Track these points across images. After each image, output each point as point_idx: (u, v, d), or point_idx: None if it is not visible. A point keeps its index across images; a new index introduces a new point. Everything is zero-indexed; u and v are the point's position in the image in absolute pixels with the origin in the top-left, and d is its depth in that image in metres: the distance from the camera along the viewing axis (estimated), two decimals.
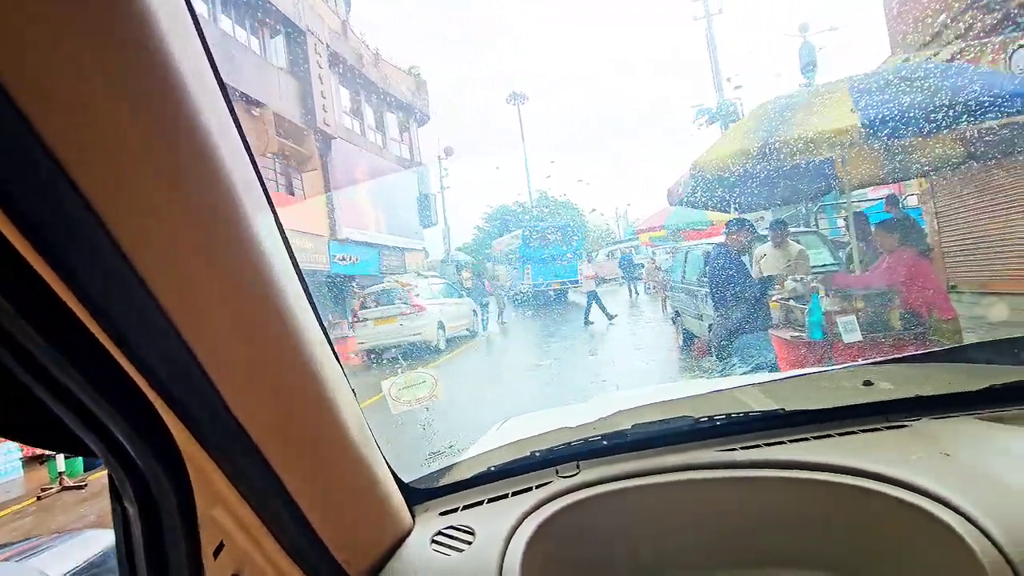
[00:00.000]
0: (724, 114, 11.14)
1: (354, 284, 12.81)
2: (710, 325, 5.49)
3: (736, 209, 5.63)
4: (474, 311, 11.24)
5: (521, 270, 13.53)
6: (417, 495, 0.86)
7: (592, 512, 0.81)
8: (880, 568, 0.70)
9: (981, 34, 6.82)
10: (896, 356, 1.68)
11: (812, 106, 4.08)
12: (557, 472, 0.88)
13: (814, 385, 1.25)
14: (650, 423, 0.93)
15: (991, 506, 0.62)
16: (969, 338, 5.40)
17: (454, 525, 0.78)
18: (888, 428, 0.87)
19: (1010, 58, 6.24)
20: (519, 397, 5.48)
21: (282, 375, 0.48)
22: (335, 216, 12.82)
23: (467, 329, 10.81)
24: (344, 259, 12.67)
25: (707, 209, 6.26)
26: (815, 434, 0.88)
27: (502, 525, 0.76)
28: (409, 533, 0.77)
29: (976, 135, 4.28)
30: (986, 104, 3.48)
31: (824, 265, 5.96)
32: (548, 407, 1.66)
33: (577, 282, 12.51)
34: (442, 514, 0.82)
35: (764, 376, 1.54)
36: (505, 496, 0.84)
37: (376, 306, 9.44)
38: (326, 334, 0.58)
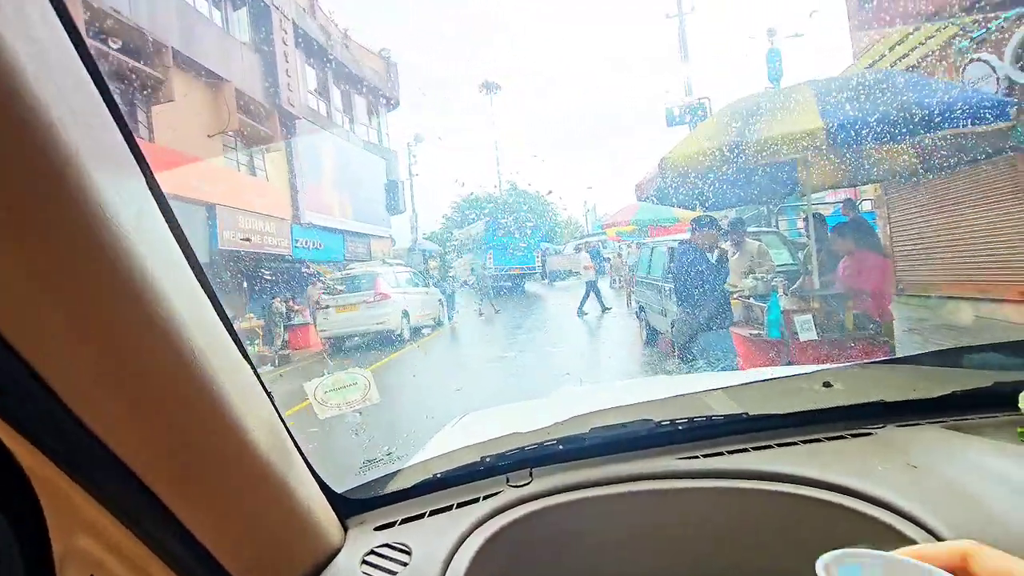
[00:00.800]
0: (693, 113, 11.30)
1: (317, 270, 12.49)
2: (673, 321, 5.56)
3: (702, 207, 5.70)
4: (440, 301, 11.13)
5: (484, 256, 14.71)
6: (351, 507, 0.78)
7: (545, 525, 0.77)
8: None
9: (936, 48, 7.09)
10: (858, 362, 1.71)
11: (776, 108, 4.14)
12: (508, 481, 0.83)
13: (777, 388, 1.24)
14: (609, 427, 0.89)
15: (958, 524, 0.61)
16: (912, 338, 5.65)
17: (389, 543, 0.71)
18: (853, 436, 0.86)
19: (962, 71, 6.51)
20: (481, 389, 5.44)
21: (150, 379, 0.41)
22: (298, 199, 12.44)
23: (433, 319, 10.69)
24: (307, 244, 12.32)
25: (673, 206, 6.32)
26: (779, 441, 0.86)
27: (443, 542, 0.70)
28: (338, 551, 0.70)
29: (927, 145, 4.43)
30: (938, 115, 3.60)
31: (783, 265, 6.10)
32: (510, 400, 1.62)
33: (534, 269, 14.80)
34: (378, 529, 0.75)
35: (726, 378, 1.52)
36: (449, 508, 0.78)
37: (339, 293, 9.22)
38: (230, 330, 0.51)
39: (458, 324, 11.22)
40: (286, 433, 0.63)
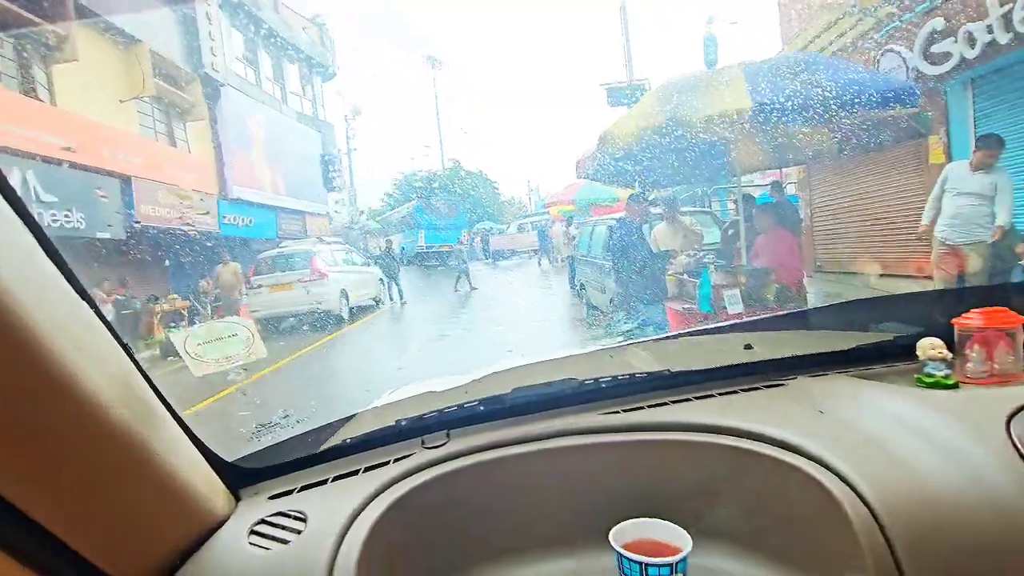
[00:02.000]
0: (633, 93, 11.46)
1: (248, 248, 11.84)
2: (611, 298, 5.70)
3: (640, 185, 5.82)
4: (381, 279, 10.87)
5: (415, 234, 15.64)
6: (245, 476, 0.72)
7: (460, 485, 0.74)
8: (757, 526, 0.70)
9: (855, 38, 7.51)
10: (774, 315, 1.82)
11: (709, 88, 4.25)
12: (423, 443, 0.79)
13: (699, 347, 1.27)
14: (531, 387, 0.87)
15: (859, 463, 0.63)
16: None
17: (283, 511, 0.66)
18: (767, 387, 0.89)
19: (878, 60, 6.93)
20: (422, 368, 5.37)
21: None
22: (226, 173, 11.67)
23: (373, 298, 10.43)
24: (236, 221, 11.63)
25: (612, 184, 6.41)
26: (697, 395, 0.87)
27: (344, 507, 0.66)
28: (224, 523, 0.65)
29: (843, 128, 4.70)
30: (853, 99, 3.81)
31: (715, 243, 6.37)
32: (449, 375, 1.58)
33: (461, 246, 15.73)
34: (274, 497, 0.70)
35: (652, 337, 1.55)
36: (356, 473, 0.74)
37: (272, 272, 8.79)
38: (84, 295, 0.45)
39: (400, 303, 11.01)
40: (158, 403, 0.57)
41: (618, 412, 0.83)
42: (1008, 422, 0.63)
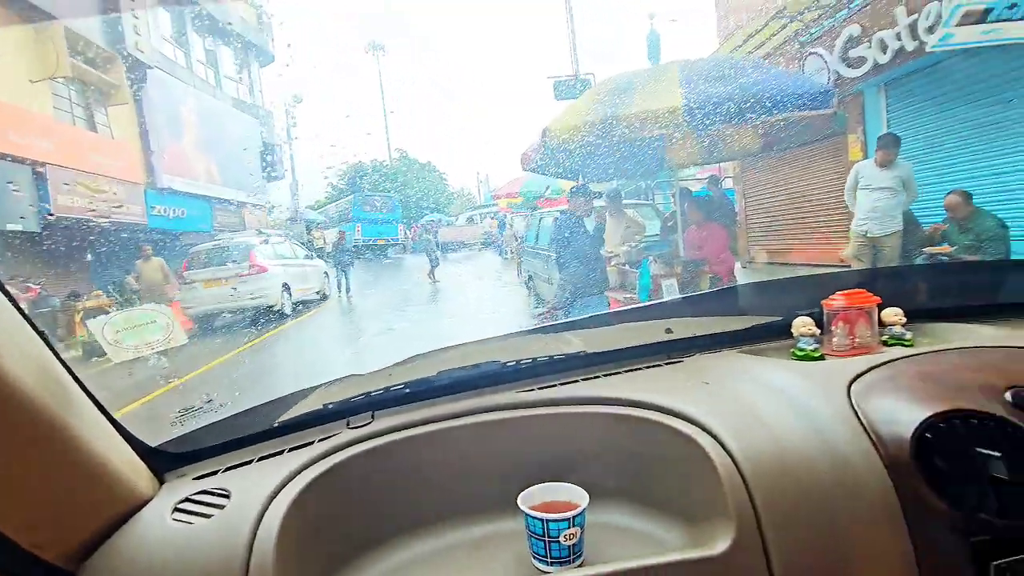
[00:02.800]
0: (579, 88, 11.63)
1: (180, 241, 11.23)
2: (557, 289, 5.82)
3: (584, 178, 5.95)
4: (326, 273, 10.59)
5: (352, 228, 16.08)
6: (170, 460, 0.74)
7: (383, 461, 0.78)
8: (644, 482, 0.78)
9: (783, 41, 7.93)
10: (683, 296, 1.96)
11: (647, 85, 4.41)
12: (348, 424, 0.83)
13: (625, 330, 1.35)
14: (456, 369, 0.92)
15: (730, 424, 0.72)
16: None
17: (207, 489, 0.69)
18: (668, 364, 0.98)
19: (803, 63, 7.36)
20: (366, 362, 5.32)
21: None
22: (153, 161, 11.00)
23: (317, 292, 10.16)
24: (166, 212, 11.00)
25: (557, 177, 6.52)
26: (606, 372, 0.95)
27: (266, 484, 0.69)
28: (147, 503, 0.67)
29: (770, 126, 4.99)
30: (778, 99, 4.06)
31: (655, 234, 6.61)
32: None
33: (397, 240, 17.08)
34: (198, 478, 0.73)
35: (571, 319, 1.63)
36: (281, 453, 0.77)
37: (206, 266, 8.39)
38: None
39: (347, 296, 10.77)
40: (79, 391, 0.59)
41: (533, 390, 0.89)
42: (849, 386, 0.74)
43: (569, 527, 0.67)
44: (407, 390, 0.88)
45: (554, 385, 0.89)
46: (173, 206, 11.22)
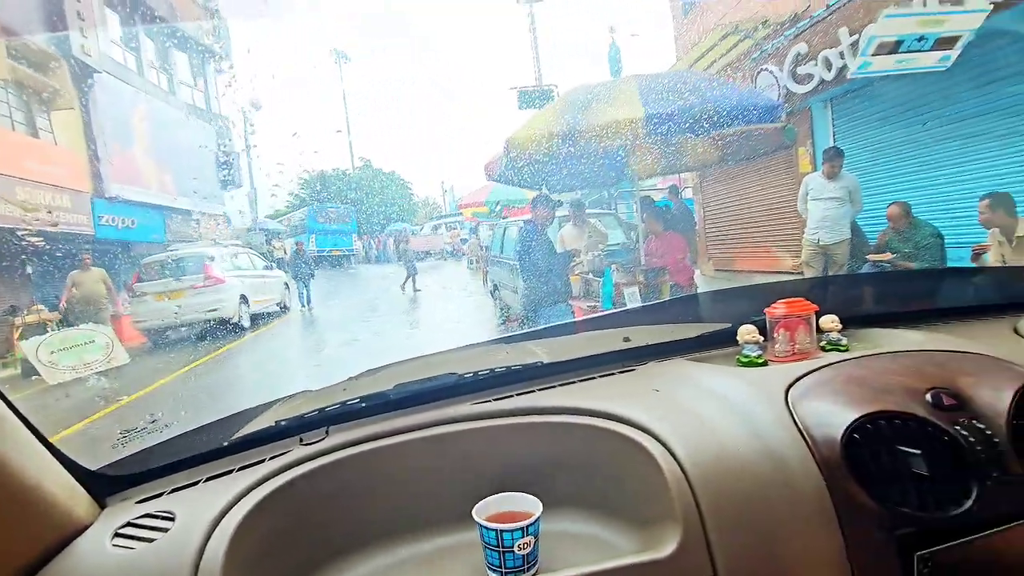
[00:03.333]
0: (542, 98, 11.78)
1: (131, 252, 10.76)
2: (522, 298, 5.84)
3: (547, 188, 6.03)
4: (286, 284, 10.33)
5: (307, 239, 16.12)
6: (109, 484, 0.72)
7: (337, 477, 0.77)
8: (596, 488, 0.80)
9: (737, 57, 8.25)
10: (642, 306, 2.02)
11: (608, 97, 4.52)
12: (301, 440, 0.81)
13: (584, 339, 1.38)
14: (412, 383, 0.92)
15: (676, 429, 0.74)
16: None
17: (150, 512, 0.67)
18: (621, 372, 1.00)
19: (755, 78, 7.67)
20: (329, 375, 5.21)
21: None
22: (101, 169, 10.53)
23: (277, 304, 9.89)
24: (115, 222, 10.53)
25: (520, 186, 6.57)
26: (560, 382, 0.97)
27: (214, 504, 0.67)
28: (86, 529, 0.64)
29: (726, 139, 5.18)
30: (731, 113, 4.22)
31: (619, 243, 6.73)
32: None
33: (352, 251, 17.39)
34: (142, 501, 0.70)
35: (530, 329, 1.65)
36: (229, 472, 0.75)
37: (159, 278, 8.07)
38: None
39: (308, 308, 10.52)
40: (11, 415, 0.56)
41: (489, 401, 0.89)
42: (787, 390, 0.78)
43: (523, 536, 0.68)
44: (363, 404, 0.88)
45: (510, 396, 0.90)
46: (122, 215, 10.76)
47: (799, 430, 0.72)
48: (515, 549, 0.68)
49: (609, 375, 0.98)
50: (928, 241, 4.38)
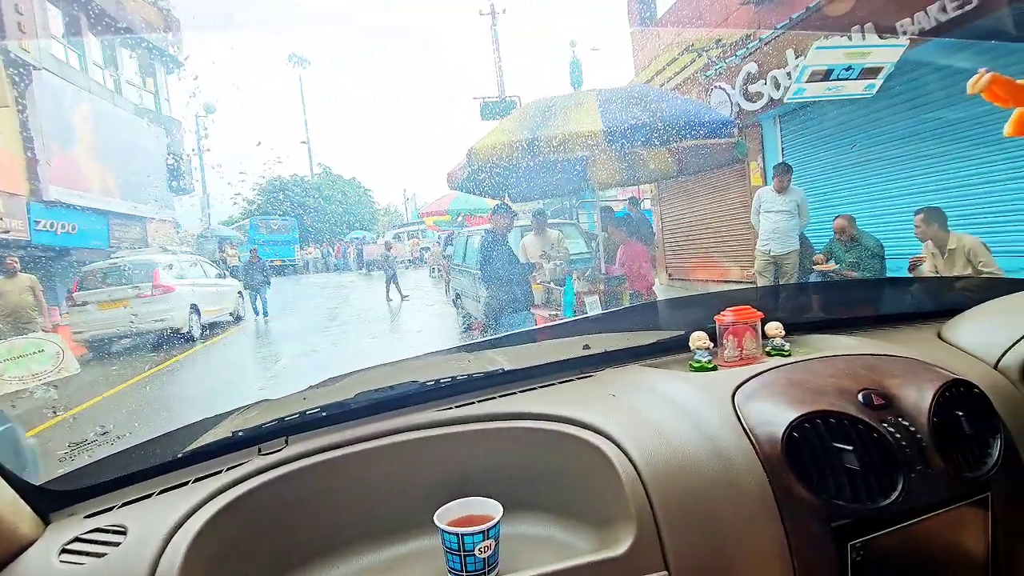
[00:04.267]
0: (504, 110, 11.90)
1: (70, 259, 10.18)
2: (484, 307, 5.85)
3: (509, 198, 6.08)
4: (240, 293, 9.99)
5: (248, 249, 16.06)
6: (56, 499, 0.69)
7: (295, 488, 0.76)
8: (555, 491, 0.82)
9: (692, 74, 8.57)
10: (601, 313, 2.07)
11: (568, 109, 4.61)
12: (260, 451, 0.80)
13: (545, 347, 1.41)
14: (373, 391, 0.92)
15: (631, 432, 0.77)
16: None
17: (100, 527, 0.65)
18: (579, 379, 1.03)
19: (709, 94, 7.98)
20: (283, 387, 5.06)
21: None
22: (39, 171, 9.95)
23: (230, 313, 9.55)
24: (54, 227, 9.95)
25: (482, 195, 6.60)
26: (520, 388, 0.99)
27: (168, 517, 0.65)
28: (31, 545, 0.61)
29: (681, 152, 5.36)
30: (690, 128, 4.39)
31: (579, 253, 6.84)
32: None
33: (293, 261, 17.90)
34: (91, 516, 0.68)
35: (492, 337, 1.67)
36: (185, 484, 0.73)
37: (102, 286, 7.66)
38: None
39: (264, 318, 10.20)
40: None
41: (451, 408, 0.90)
42: (733, 394, 0.83)
43: (484, 540, 0.69)
44: (323, 414, 0.87)
45: (471, 403, 0.92)
46: (62, 220, 10.18)
47: (744, 430, 0.77)
48: (476, 553, 0.69)
49: (568, 381, 1.01)
50: (871, 251, 4.66)
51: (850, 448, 0.73)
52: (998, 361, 0.99)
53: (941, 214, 3.84)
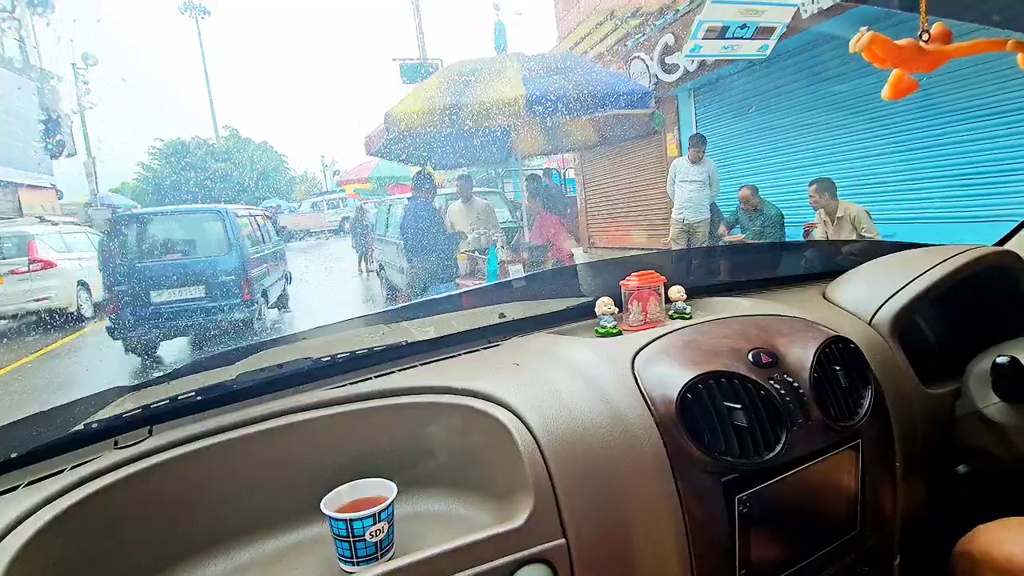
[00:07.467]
0: (426, 72, 11.46)
1: None
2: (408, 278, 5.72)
3: (432, 165, 5.90)
4: None
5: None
6: None
7: (159, 483, 0.68)
8: (453, 466, 0.79)
9: (614, 43, 8.62)
10: (511, 280, 2.08)
11: (490, 75, 4.49)
12: (116, 444, 0.71)
13: (461, 316, 1.36)
14: (259, 370, 0.84)
15: (531, 400, 0.75)
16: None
17: None
18: (486, 348, 1.00)
19: (629, 65, 8.09)
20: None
21: None
22: None
23: None
24: None
25: (402, 162, 6.38)
26: (423, 361, 0.94)
27: None
28: None
29: (601, 122, 5.41)
30: (609, 98, 4.42)
31: (504, 222, 6.82)
32: None
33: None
34: None
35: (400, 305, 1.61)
36: (15, 489, 0.63)
37: None
38: None
39: None
40: None
41: (345, 385, 0.85)
42: (634, 358, 0.83)
43: (374, 523, 0.65)
44: (198, 398, 0.78)
45: (368, 379, 0.86)
46: None
47: (641, 393, 0.77)
48: (367, 537, 0.65)
49: (474, 351, 0.97)
50: (773, 219, 4.99)
51: (739, 407, 0.75)
52: (872, 318, 1.07)
53: (832, 184, 4.17)
